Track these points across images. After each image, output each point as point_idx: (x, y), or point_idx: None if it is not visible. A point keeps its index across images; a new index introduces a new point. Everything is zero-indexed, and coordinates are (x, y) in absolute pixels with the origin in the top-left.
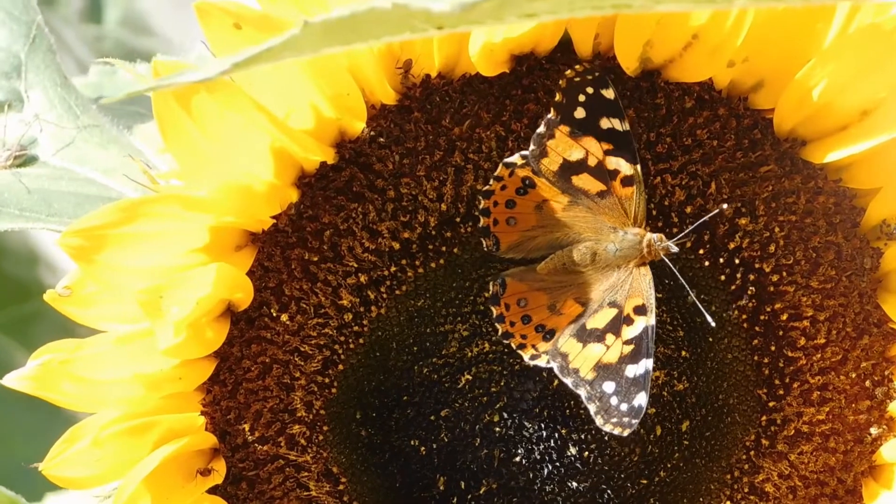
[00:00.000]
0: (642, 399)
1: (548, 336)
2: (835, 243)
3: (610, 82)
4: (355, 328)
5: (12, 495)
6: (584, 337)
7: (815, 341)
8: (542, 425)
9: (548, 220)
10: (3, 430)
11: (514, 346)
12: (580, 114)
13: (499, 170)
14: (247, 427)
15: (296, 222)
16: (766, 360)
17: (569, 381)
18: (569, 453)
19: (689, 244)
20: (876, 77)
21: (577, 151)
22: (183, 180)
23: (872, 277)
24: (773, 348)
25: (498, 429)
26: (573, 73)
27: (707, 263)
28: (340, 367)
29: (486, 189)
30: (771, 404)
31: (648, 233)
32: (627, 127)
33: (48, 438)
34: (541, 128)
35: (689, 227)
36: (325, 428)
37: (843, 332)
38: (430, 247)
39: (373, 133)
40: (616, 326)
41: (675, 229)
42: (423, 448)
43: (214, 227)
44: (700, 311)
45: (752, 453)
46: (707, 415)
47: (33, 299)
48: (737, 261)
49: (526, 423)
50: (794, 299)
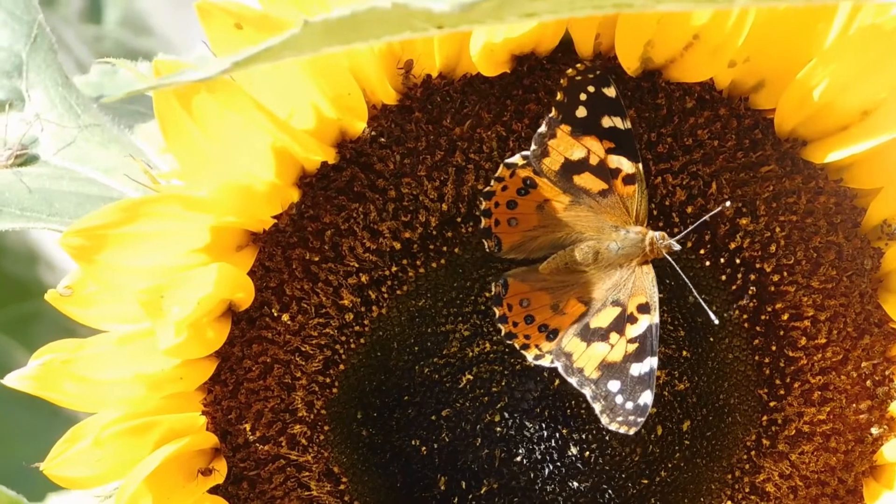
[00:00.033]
0: (648, 397)
1: (551, 336)
2: (836, 243)
3: (611, 80)
4: (356, 328)
5: (14, 495)
6: (587, 336)
7: (816, 341)
8: (543, 425)
9: (549, 219)
10: (3, 430)
11: (518, 347)
12: (582, 113)
13: (500, 170)
14: (248, 427)
15: (297, 222)
16: (766, 359)
17: (573, 380)
18: (570, 453)
19: (690, 244)
20: (877, 77)
21: (578, 150)
22: (184, 180)
23: (873, 277)
24: (773, 348)
25: (499, 429)
26: (574, 72)
27: (708, 263)
28: (341, 366)
29: (487, 190)
30: (772, 404)
31: (650, 231)
32: (629, 125)
33: (49, 438)
34: (542, 127)
35: (691, 226)
36: (326, 428)
37: (844, 332)
38: (431, 247)
39: (374, 133)
40: (620, 325)
41: (675, 229)
42: (424, 448)
43: (215, 227)
44: (701, 310)
45: (752, 453)
46: (708, 415)
47: (33, 298)
48: (738, 261)
49: (527, 423)
50: (794, 299)
